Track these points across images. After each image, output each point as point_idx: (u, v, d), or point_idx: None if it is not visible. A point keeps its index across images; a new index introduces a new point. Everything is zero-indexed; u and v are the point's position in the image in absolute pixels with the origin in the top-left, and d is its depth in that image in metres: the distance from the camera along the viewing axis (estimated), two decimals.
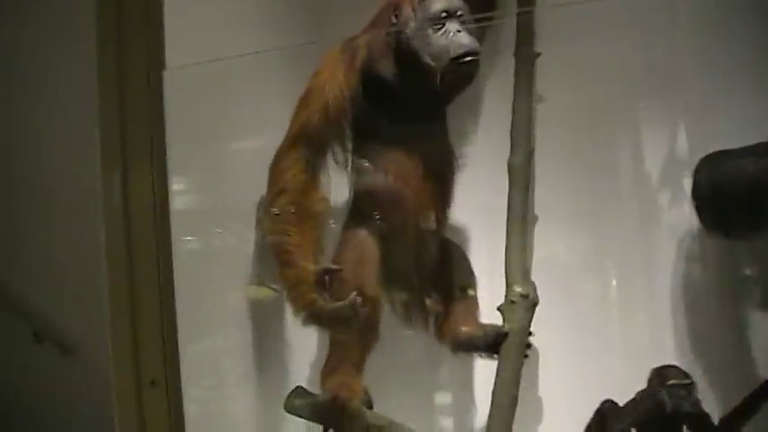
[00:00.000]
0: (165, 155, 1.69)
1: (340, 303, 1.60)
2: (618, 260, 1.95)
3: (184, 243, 1.76)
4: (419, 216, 1.74)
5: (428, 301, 1.82)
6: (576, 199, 1.93)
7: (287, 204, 1.63)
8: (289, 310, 1.68)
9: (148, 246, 1.68)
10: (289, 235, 1.62)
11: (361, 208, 1.75)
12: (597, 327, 1.92)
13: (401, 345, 1.90)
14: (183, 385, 1.66)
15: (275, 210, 1.65)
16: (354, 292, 1.61)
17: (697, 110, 1.92)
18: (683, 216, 1.88)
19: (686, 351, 1.86)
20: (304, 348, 1.87)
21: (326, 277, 1.63)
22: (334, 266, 1.65)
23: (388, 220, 1.73)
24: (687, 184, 1.78)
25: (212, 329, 1.87)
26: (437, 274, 1.82)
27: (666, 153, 1.94)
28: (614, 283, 1.95)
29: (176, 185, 1.74)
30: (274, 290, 1.85)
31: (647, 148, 1.97)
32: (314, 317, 1.63)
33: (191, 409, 1.68)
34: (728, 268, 1.90)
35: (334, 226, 1.77)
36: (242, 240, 1.92)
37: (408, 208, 1.72)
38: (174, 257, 1.69)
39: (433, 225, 1.77)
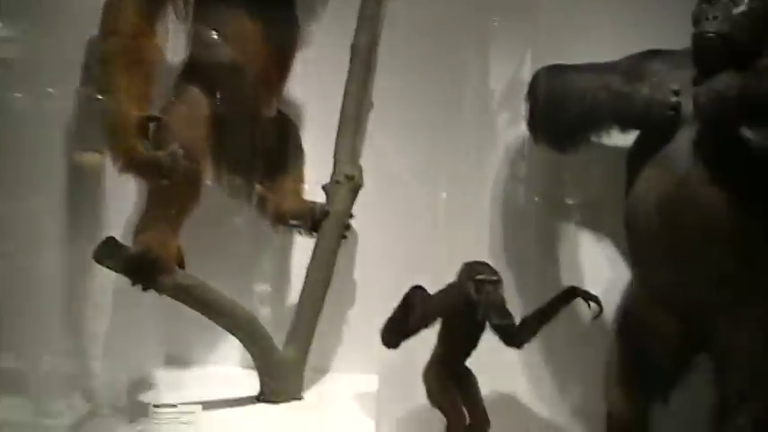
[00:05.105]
0: None
1: (160, 152, 1.57)
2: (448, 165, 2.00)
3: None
4: (255, 82, 1.70)
5: (254, 173, 1.81)
6: (415, 102, 1.96)
7: (118, 46, 1.57)
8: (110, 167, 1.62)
9: None
10: (116, 78, 1.56)
11: (197, 65, 1.71)
12: (418, 219, 1.97)
13: (223, 215, 1.89)
14: None
15: (104, 51, 1.58)
16: (176, 144, 1.58)
17: (545, 34, 1.98)
18: (517, 137, 1.96)
19: (499, 253, 1.96)
20: (122, 206, 1.83)
21: (150, 126, 1.59)
22: (158, 115, 1.61)
23: (223, 81, 1.69)
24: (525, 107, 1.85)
25: (28, 191, 1.78)
26: (266, 146, 1.80)
27: (511, 75, 1.99)
28: (442, 181, 1.99)
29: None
30: (101, 153, 1.78)
31: (493, 67, 2.01)
32: (132, 164, 1.57)
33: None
34: (552, 186, 1.99)
35: None
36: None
37: (244, 72, 1.69)
38: None
39: (268, 95, 1.75)
